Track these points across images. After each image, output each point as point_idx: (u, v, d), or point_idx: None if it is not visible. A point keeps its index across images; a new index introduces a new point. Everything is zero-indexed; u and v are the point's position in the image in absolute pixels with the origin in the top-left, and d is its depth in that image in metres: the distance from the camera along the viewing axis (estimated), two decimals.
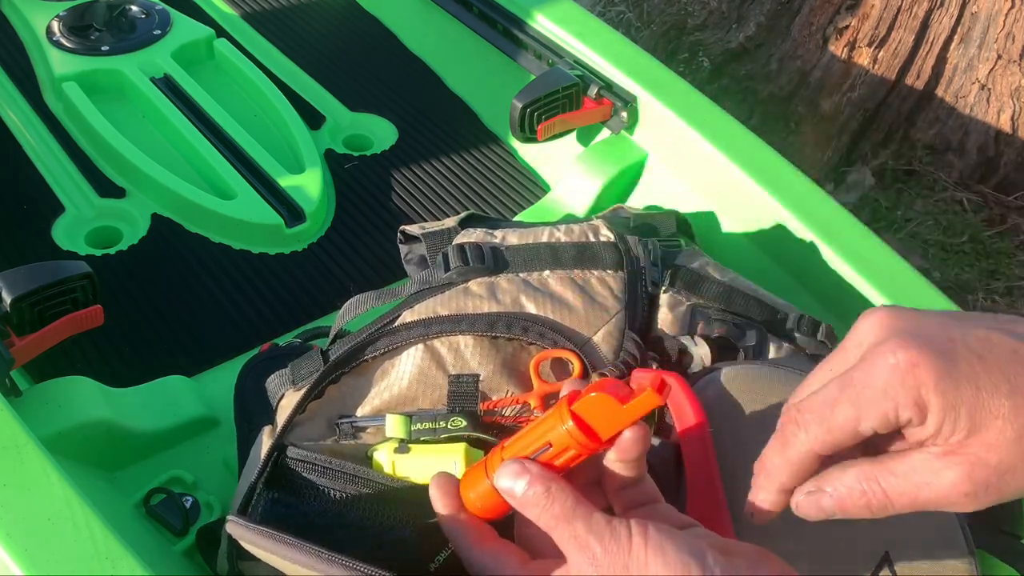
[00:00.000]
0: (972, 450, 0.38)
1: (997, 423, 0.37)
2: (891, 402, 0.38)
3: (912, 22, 1.75)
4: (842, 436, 0.40)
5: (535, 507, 0.43)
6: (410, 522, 0.55)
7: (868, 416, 0.39)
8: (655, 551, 0.40)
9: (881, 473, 0.40)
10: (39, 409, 0.70)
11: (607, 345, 0.64)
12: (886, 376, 0.38)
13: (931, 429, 0.38)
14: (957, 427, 0.38)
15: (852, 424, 0.40)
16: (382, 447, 0.59)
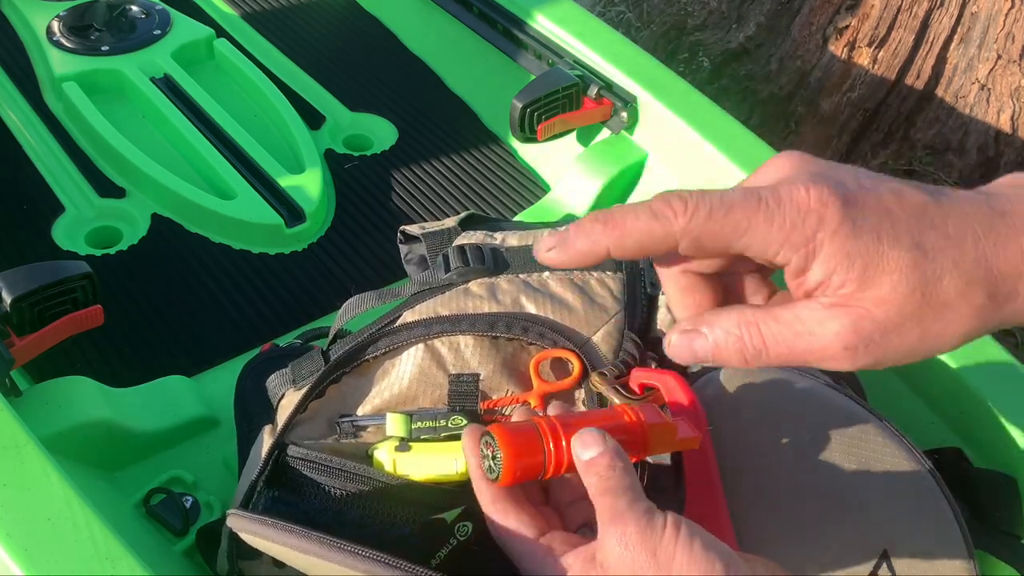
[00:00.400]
0: (861, 303, 0.35)
1: (893, 277, 0.35)
2: (781, 236, 0.35)
3: (912, 22, 1.75)
4: (715, 244, 0.36)
5: (596, 475, 0.44)
6: (410, 520, 0.55)
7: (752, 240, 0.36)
8: (684, 543, 0.41)
9: (763, 319, 0.37)
10: (39, 409, 0.70)
11: (606, 345, 0.64)
12: (789, 211, 0.35)
13: (819, 276, 0.36)
14: (849, 277, 0.35)
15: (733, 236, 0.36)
16: (383, 446, 0.59)
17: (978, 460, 0.73)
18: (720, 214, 0.36)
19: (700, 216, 0.36)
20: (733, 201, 0.36)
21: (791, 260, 0.36)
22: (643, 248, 0.37)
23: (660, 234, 0.37)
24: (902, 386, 0.81)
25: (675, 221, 0.36)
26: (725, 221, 0.36)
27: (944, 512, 0.60)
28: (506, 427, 0.46)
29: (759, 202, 0.36)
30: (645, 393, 0.59)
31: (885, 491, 0.60)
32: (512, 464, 0.45)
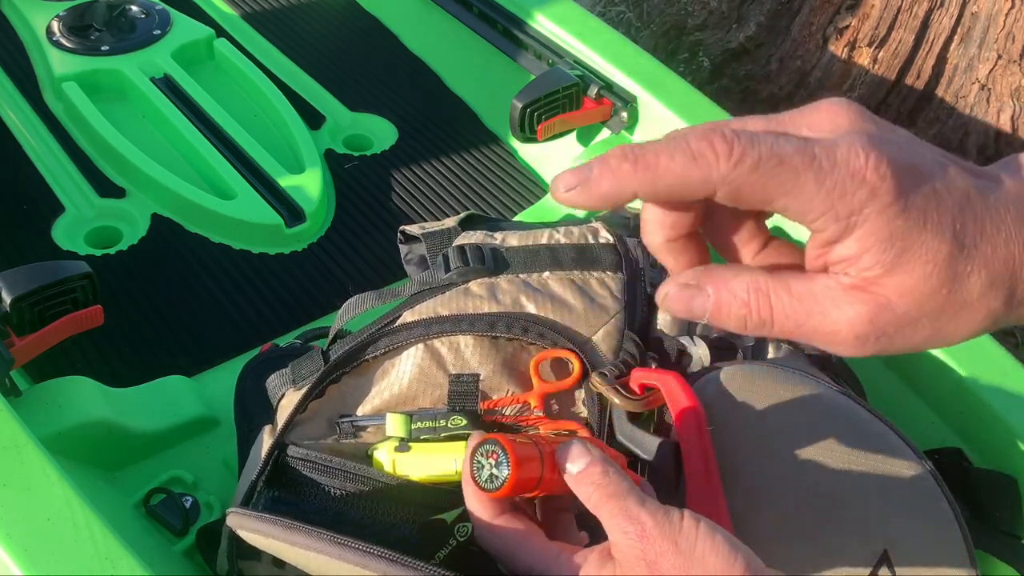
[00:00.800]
0: (883, 291, 0.33)
1: (927, 268, 0.32)
2: (827, 203, 0.32)
3: (912, 22, 1.75)
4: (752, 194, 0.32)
5: (589, 485, 0.43)
6: (410, 520, 0.55)
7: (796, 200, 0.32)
8: (705, 534, 0.40)
9: (776, 288, 0.34)
10: (39, 409, 0.70)
11: (607, 345, 0.64)
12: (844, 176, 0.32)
13: (850, 251, 0.33)
14: (881, 259, 0.32)
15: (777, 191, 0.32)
16: (382, 446, 0.59)
17: (978, 460, 0.73)
18: (769, 165, 0.32)
19: (747, 164, 0.32)
20: (784, 153, 0.32)
21: (828, 229, 0.33)
22: (676, 194, 0.34)
23: (698, 179, 0.33)
24: (902, 386, 0.81)
25: (717, 166, 0.32)
26: (773, 174, 0.32)
27: (944, 512, 0.60)
28: (510, 438, 0.46)
29: (812, 160, 0.32)
30: (645, 394, 0.59)
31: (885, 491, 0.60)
32: (515, 475, 0.45)
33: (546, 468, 0.46)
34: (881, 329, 0.33)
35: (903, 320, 0.33)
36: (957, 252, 0.32)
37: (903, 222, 0.32)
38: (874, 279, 0.33)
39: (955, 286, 0.32)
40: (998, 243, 0.33)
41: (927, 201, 0.32)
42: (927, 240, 0.32)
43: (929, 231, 0.32)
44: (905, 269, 0.32)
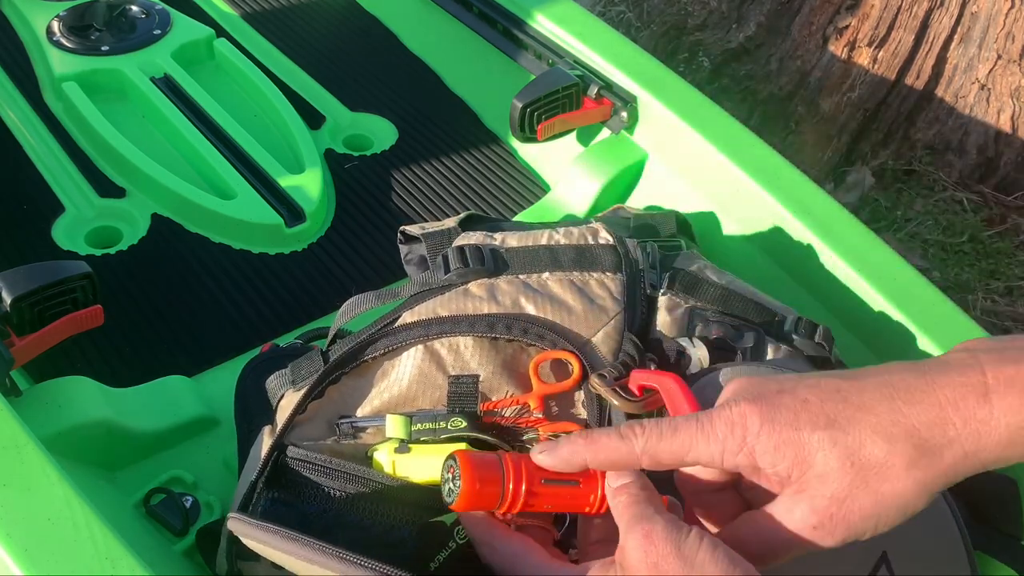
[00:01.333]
0: (810, 485, 0.41)
1: (820, 455, 0.40)
2: (719, 447, 0.43)
3: (912, 22, 1.75)
4: (669, 459, 0.44)
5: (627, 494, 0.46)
6: (410, 522, 0.55)
7: (697, 453, 0.43)
8: (708, 546, 0.42)
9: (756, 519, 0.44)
10: (39, 409, 0.70)
11: (606, 346, 0.64)
12: (721, 425, 0.43)
13: (769, 470, 0.42)
14: (788, 465, 0.41)
15: (682, 452, 0.44)
16: (382, 447, 0.59)
17: None
18: (668, 435, 0.44)
19: (653, 438, 0.44)
20: (678, 425, 0.44)
21: (739, 464, 0.43)
22: (612, 462, 0.46)
23: (625, 451, 0.45)
24: None
25: (635, 442, 0.44)
26: (673, 440, 0.44)
27: (944, 513, 0.60)
28: (471, 454, 0.48)
29: (698, 423, 0.43)
30: (645, 395, 0.59)
31: None
32: (469, 489, 0.46)
33: (513, 483, 0.47)
34: (825, 512, 0.40)
35: (836, 499, 0.40)
36: (838, 433, 0.40)
37: (779, 435, 0.41)
38: (802, 481, 0.41)
39: (855, 456, 0.40)
40: (879, 411, 0.40)
41: (793, 413, 0.41)
42: (806, 436, 0.41)
43: (805, 429, 0.41)
44: (809, 464, 0.40)
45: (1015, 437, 0.39)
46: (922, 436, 0.39)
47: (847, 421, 0.40)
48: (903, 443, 0.39)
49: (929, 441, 0.39)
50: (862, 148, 1.89)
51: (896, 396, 0.40)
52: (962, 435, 0.39)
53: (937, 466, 0.39)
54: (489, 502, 0.47)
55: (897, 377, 0.41)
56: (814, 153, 1.86)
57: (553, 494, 0.47)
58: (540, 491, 0.47)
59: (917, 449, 0.39)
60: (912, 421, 0.40)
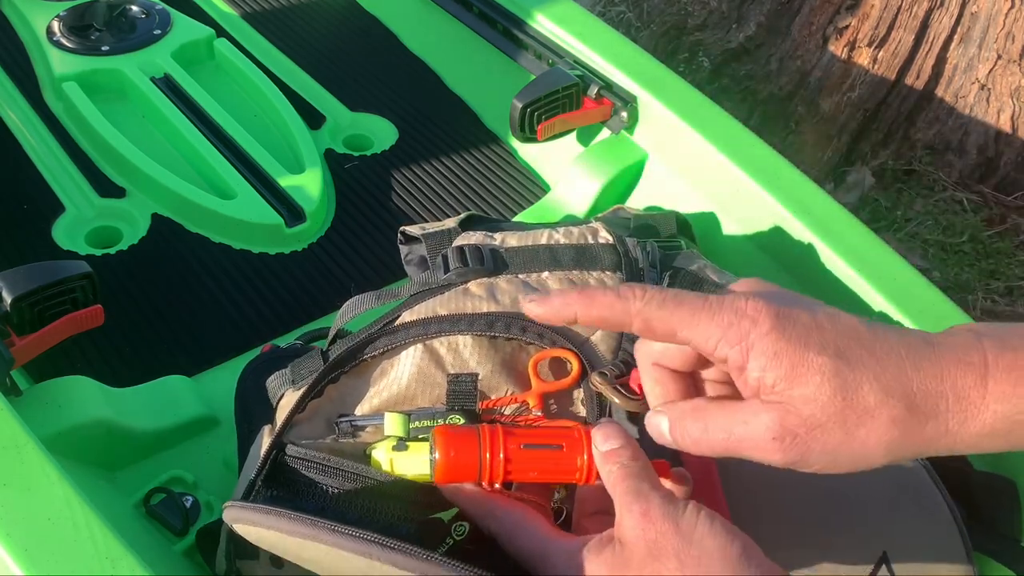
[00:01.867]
0: (790, 400, 0.40)
1: (816, 378, 0.40)
2: (718, 332, 0.41)
3: (912, 22, 1.75)
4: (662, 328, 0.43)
5: (618, 463, 0.46)
6: (408, 519, 0.55)
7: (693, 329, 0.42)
8: (706, 520, 0.42)
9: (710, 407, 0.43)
10: (39, 409, 0.70)
11: (605, 345, 0.64)
12: (728, 312, 0.41)
13: (756, 372, 0.41)
14: (778, 375, 0.40)
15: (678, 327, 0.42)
16: (381, 445, 0.59)
17: (978, 463, 0.73)
18: (671, 304, 0.42)
19: (654, 302, 0.42)
20: (684, 297, 0.42)
21: (728, 356, 0.41)
22: (604, 319, 0.44)
23: (619, 309, 0.43)
24: None
25: (633, 302, 0.43)
26: (674, 310, 0.42)
27: (943, 515, 0.60)
28: (448, 427, 0.49)
29: (705, 301, 0.42)
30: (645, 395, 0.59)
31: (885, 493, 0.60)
32: (443, 459, 0.47)
33: (490, 452, 0.47)
34: (791, 429, 0.40)
35: (810, 422, 0.40)
36: (843, 366, 0.40)
37: (784, 344, 0.40)
38: (782, 393, 0.40)
39: (848, 394, 0.40)
40: (888, 363, 0.40)
41: (807, 330, 0.40)
42: (811, 356, 0.40)
43: (812, 350, 0.40)
44: (800, 381, 0.40)
45: (997, 426, 0.40)
46: (915, 401, 0.40)
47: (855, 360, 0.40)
48: (897, 400, 0.40)
49: (920, 407, 0.40)
50: (862, 148, 1.89)
51: (905, 356, 0.40)
52: (951, 410, 0.40)
53: (916, 433, 0.40)
54: (468, 472, 0.48)
55: (910, 339, 0.41)
56: (814, 153, 1.86)
57: (534, 459, 0.48)
58: (520, 457, 0.48)
59: (907, 410, 0.40)
60: (912, 384, 0.40)
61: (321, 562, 0.51)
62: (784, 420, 0.40)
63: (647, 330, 0.43)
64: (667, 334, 0.43)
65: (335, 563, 0.50)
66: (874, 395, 0.40)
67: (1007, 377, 0.39)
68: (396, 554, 0.47)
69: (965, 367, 0.40)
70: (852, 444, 0.40)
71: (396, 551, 0.47)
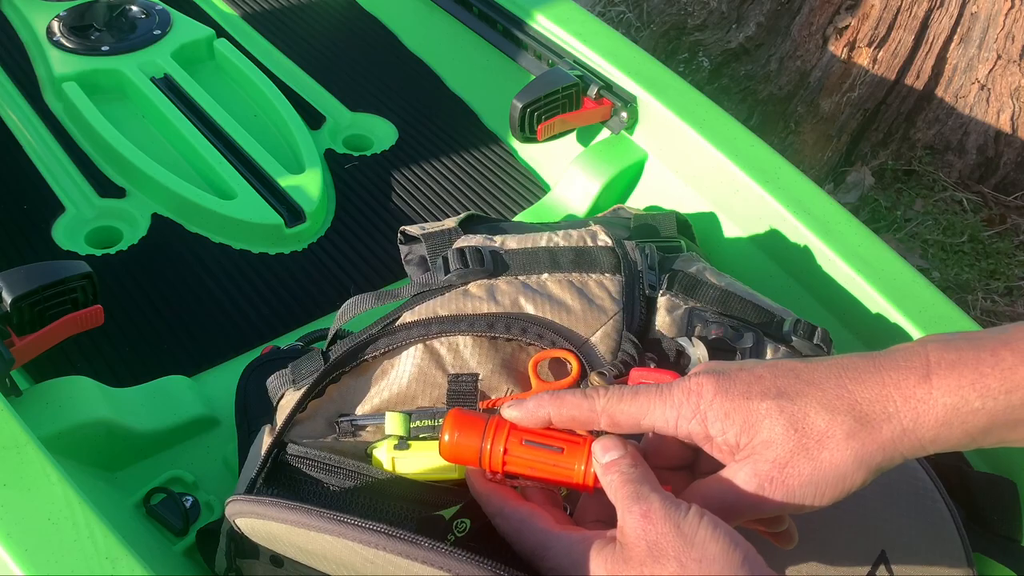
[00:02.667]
0: (755, 450, 0.44)
1: (766, 422, 0.43)
2: (674, 412, 0.45)
3: (912, 22, 1.75)
4: (626, 420, 0.47)
5: (618, 472, 0.47)
6: (409, 517, 0.55)
7: (653, 416, 0.46)
8: (708, 523, 0.43)
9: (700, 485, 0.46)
10: (39, 409, 0.70)
11: (605, 346, 0.64)
12: (677, 393, 0.46)
13: (719, 436, 0.44)
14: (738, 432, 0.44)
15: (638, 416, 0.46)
16: (381, 444, 0.59)
17: (977, 463, 0.73)
18: (628, 397, 0.47)
19: (613, 399, 0.47)
20: (640, 391, 0.47)
21: (690, 430, 0.45)
22: (573, 417, 0.48)
23: (586, 408, 0.47)
24: None
25: (597, 400, 0.47)
26: (632, 402, 0.46)
27: (942, 515, 0.60)
28: (462, 411, 0.51)
29: (657, 390, 0.46)
30: None
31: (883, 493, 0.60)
32: (448, 441, 0.49)
33: (492, 441, 0.49)
34: (767, 475, 0.43)
35: (778, 464, 0.43)
36: (786, 403, 0.43)
37: (730, 403, 0.44)
38: (748, 446, 0.44)
39: (798, 425, 0.43)
40: (827, 386, 0.43)
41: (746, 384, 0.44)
42: (756, 405, 0.44)
43: (755, 399, 0.44)
44: (756, 429, 0.43)
45: (951, 417, 0.42)
46: (863, 410, 0.42)
47: (796, 393, 0.43)
48: (844, 415, 0.42)
49: (869, 415, 0.42)
50: (862, 148, 1.89)
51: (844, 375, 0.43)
52: (901, 411, 0.42)
53: (875, 439, 0.42)
54: (469, 456, 0.49)
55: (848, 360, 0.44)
56: (814, 153, 1.86)
57: (533, 457, 0.49)
58: (519, 452, 0.49)
59: (857, 421, 0.42)
60: (855, 396, 0.43)
61: (327, 555, 0.51)
62: (756, 469, 0.43)
63: (613, 424, 0.47)
64: (632, 425, 0.47)
65: (341, 555, 0.50)
66: (821, 418, 0.42)
67: (950, 373, 0.42)
68: (403, 544, 0.47)
69: (906, 371, 0.43)
70: (823, 469, 0.43)
71: (404, 541, 0.47)
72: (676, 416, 0.45)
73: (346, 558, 0.50)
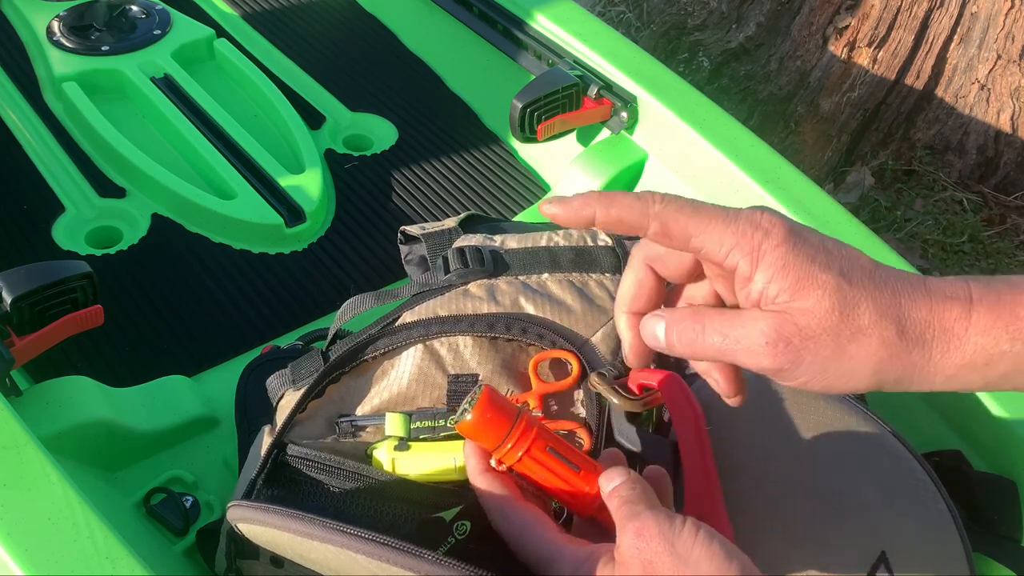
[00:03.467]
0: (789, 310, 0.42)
1: (817, 292, 0.41)
2: (732, 240, 0.42)
3: (912, 22, 1.75)
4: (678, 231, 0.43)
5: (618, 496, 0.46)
6: (409, 519, 0.55)
7: (708, 235, 0.43)
8: (703, 541, 0.42)
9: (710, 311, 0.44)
10: (39, 409, 0.70)
11: (605, 346, 0.64)
12: (742, 223, 0.43)
13: (761, 283, 0.42)
14: (783, 286, 0.42)
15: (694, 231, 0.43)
16: (382, 445, 0.59)
17: (978, 463, 0.73)
18: (688, 209, 0.43)
19: (672, 206, 0.43)
20: (702, 205, 0.44)
21: (738, 264, 0.42)
22: (622, 220, 0.44)
23: (638, 210, 0.44)
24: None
25: (652, 205, 0.43)
26: (691, 214, 0.43)
27: (943, 515, 0.60)
28: (496, 395, 0.49)
29: (723, 210, 0.43)
30: (644, 394, 0.59)
31: (884, 493, 0.60)
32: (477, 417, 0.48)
33: (518, 439, 0.48)
34: (786, 336, 0.41)
35: (805, 332, 0.41)
36: (844, 284, 0.41)
37: (793, 257, 0.42)
38: (783, 304, 0.42)
39: (845, 310, 0.41)
40: (885, 289, 0.42)
41: (815, 249, 0.42)
42: (816, 272, 0.41)
43: (817, 267, 0.42)
44: (803, 293, 0.41)
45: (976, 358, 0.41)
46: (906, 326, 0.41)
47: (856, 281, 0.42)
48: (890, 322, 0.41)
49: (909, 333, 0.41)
50: (862, 148, 1.89)
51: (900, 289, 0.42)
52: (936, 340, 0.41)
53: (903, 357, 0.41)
54: (487, 440, 0.49)
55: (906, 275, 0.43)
56: (814, 153, 1.86)
57: (549, 466, 0.48)
58: (540, 456, 0.48)
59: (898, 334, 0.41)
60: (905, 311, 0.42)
61: (328, 562, 0.51)
62: (780, 327, 0.41)
63: (663, 233, 0.44)
64: (682, 238, 0.43)
65: (342, 563, 0.50)
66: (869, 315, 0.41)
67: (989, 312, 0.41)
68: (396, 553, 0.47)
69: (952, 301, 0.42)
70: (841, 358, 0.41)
71: (397, 550, 0.47)
72: (733, 245, 0.42)
73: (346, 566, 0.50)
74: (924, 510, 0.60)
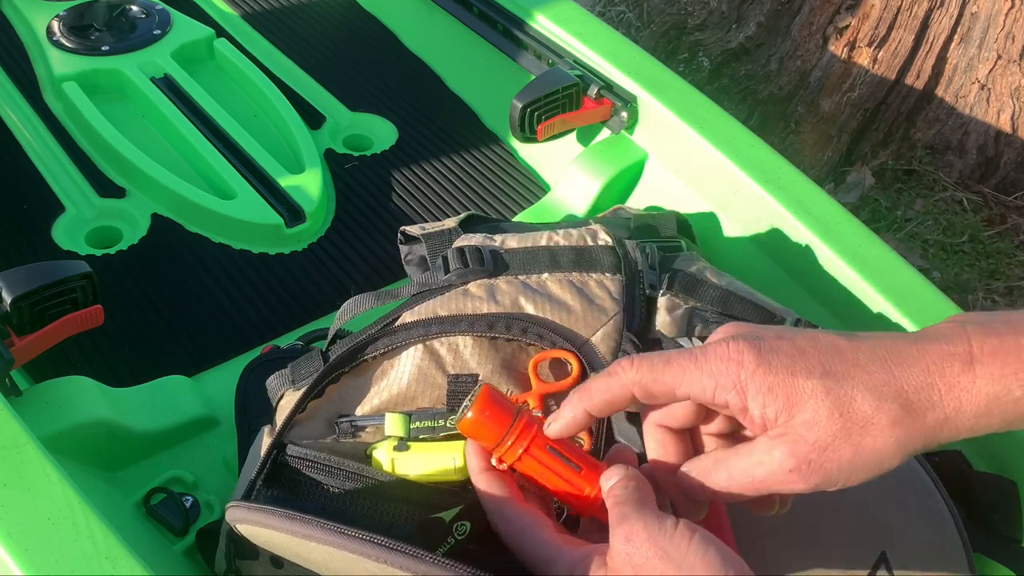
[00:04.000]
0: (795, 430, 0.42)
1: (811, 403, 0.41)
2: (712, 381, 0.43)
3: (912, 22, 1.75)
4: (660, 390, 0.45)
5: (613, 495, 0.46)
6: (409, 519, 0.55)
7: (690, 385, 0.44)
8: (698, 545, 0.42)
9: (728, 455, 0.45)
10: (39, 409, 0.70)
11: (605, 346, 0.64)
12: (713, 362, 0.43)
13: (758, 411, 0.42)
14: (778, 408, 0.42)
15: (673, 384, 0.44)
16: (381, 445, 0.59)
17: (978, 463, 0.73)
18: (660, 364, 0.44)
19: (643, 368, 0.44)
20: (671, 357, 0.44)
21: (728, 400, 0.43)
22: (609, 403, 0.46)
23: (617, 387, 0.45)
24: None
25: (624, 375, 0.45)
26: (664, 369, 0.44)
27: (943, 515, 0.60)
28: (496, 393, 0.49)
29: (691, 355, 0.44)
30: None
31: (884, 493, 0.60)
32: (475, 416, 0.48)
33: (518, 437, 0.48)
34: (804, 457, 0.41)
35: (818, 446, 0.41)
36: (832, 384, 0.41)
37: (773, 377, 0.42)
38: (786, 424, 0.42)
39: (844, 409, 0.41)
40: (873, 370, 0.42)
41: (790, 358, 0.42)
42: (800, 382, 0.42)
43: (800, 376, 0.42)
44: (799, 409, 0.42)
45: (992, 407, 0.41)
46: (909, 398, 0.41)
47: (842, 375, 0.42)
48: (891, 402, 0.41)
49: (915, 403, 0.41)
50: (862, 148, 1.89)
51: (889, 359, 0.42)
52: (945, 399, 0.41)
53: (918, 427, 0.41)
54: (487, 439, 0.49)
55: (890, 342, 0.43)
56: (814, 153, 1.86)
57: (550, 465, 0.48)
58: (540, 455, 0.48)
59: (903, 409, 0.41)
60: (901, 383, 0.41)
61: (327, 563, 0.51)
62: (795, 450, 0.42)
63: (648, 396, 0.45)
64: (667, 394, 0.45)
65: (341, 564, 0.50)
66: (868, 403, 0.41)
67: (993, 361, 0.41)
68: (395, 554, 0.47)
69: (951, 357, 0.41)
70: (863, 454, 0.41)
71: (396, 551, 0.47)
72: (714, 386, 0.43)
73: (346, 567, 0.50)
74: (924, 510, 0.60)
